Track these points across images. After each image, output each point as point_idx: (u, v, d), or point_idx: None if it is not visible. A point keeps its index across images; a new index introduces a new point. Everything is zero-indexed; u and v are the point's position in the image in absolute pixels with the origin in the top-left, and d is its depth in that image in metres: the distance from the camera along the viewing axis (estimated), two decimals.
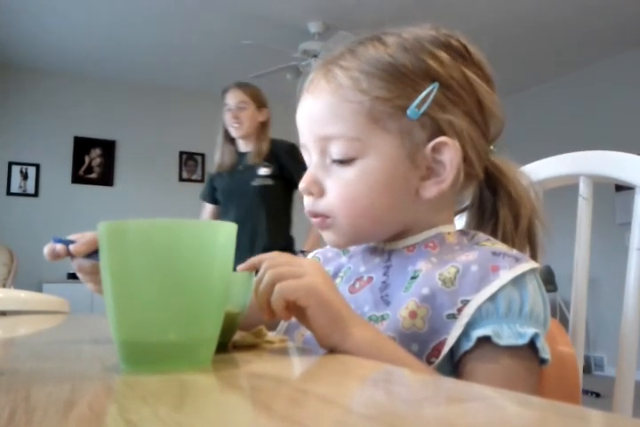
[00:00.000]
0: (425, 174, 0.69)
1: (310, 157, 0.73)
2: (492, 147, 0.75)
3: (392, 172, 0.68)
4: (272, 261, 0.58)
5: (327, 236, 0.73)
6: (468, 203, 0.80)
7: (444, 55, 0.70)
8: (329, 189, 0.70)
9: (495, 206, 0.75)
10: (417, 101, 0.67)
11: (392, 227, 0.72)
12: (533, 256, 0.74)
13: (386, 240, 0.74)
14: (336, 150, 0.69)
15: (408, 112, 0.67)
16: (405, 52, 0.69)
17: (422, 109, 0.67)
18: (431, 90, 0.67)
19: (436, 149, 0.68)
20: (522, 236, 0.74)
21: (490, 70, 0.74)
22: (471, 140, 0.70)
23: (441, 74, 0.68)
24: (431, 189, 0.69)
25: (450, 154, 0.68)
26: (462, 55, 0.71)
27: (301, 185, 0.72)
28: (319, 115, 0.70)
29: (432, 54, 0.69)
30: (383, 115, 0.68)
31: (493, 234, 0.74)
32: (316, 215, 0.72)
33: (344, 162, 0.69)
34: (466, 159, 0.70)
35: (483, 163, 0.73)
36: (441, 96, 0.68)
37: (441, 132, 0.68)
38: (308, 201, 0.73)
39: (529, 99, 5.77)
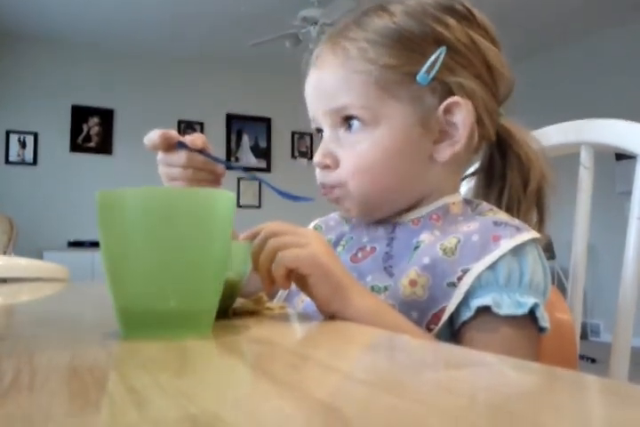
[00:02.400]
0: (438, 137, 0.69)
1: (322, 130, 0.74)
2: (500, 110, 0.75)
3: (404, 139, 0.68)
4: (274, 229, 0.58)
5: (340, 207, 0.74)
6: (477, 167, 0.80)
7: (448, 19, 0.69)
8: (343, 160, 0.71)
9: (504, 170, 0.75)
10: (426, 66, 0.67)
11: (405, 197, 0.72)
12: (541, 221, 0.74)
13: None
14: (346, 115, 0.69)
15: (418, 78, 0.67)
16: (410, 18, 0.69)
17: (432, 74, 0.67)
18: (439, 54, 0.67)
19: (448, 111, 0.68)
20: (530, 200, 0.74)
21: (494, 31, 0.74)
22: (483, 102, 0.70)
23: (447, 37, 0.68)
24: (445, 152, 0.69)
25: (462, 114, 0.68)
26: (466, 18, 0.71)
27: (315, 158, 0.73)
28: (329, 88, 0.71)
29: (437, 19, 0.69)
30: (392, 83, 0.68)
31: (500, 197, 0.74)
32: (327, 187, 0.73)
33: (356, 126, 0.69)
34: (478, 121, 0.70)
35: (494, 124, 0.73)
36: (449, 60, 0.68)
37: (452, 95, 0.68)
38: (320, 173, 0.73)
39: (534, 66, 5.71)
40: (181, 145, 0.73)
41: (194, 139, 0.73)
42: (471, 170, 0.83)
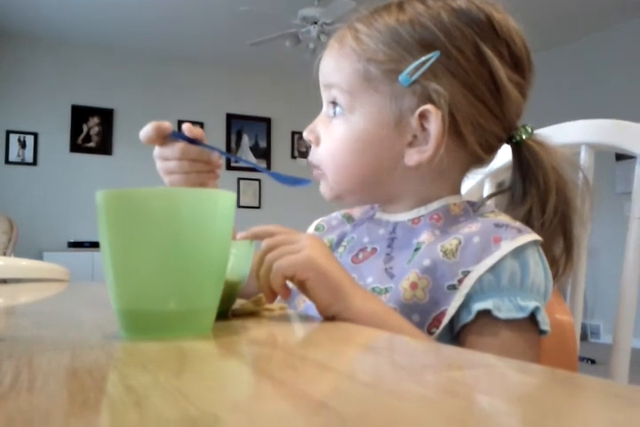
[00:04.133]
0: (411, 141, 0.69)
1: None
2: (527, 127, 0.72)
3: (376, 134, 0.70)
4: (271, 240, 0.59)
5: (321, 186, 0.77)
6: (504, 185, 0.77)
7: (457, 25, 0.67)
8: (322, 140, 0.74)
9: (524, 193, 0.72)
10: (409, 68, 0.67)
11: (377, 190, 0.73)
12: (567, 252, 0.72)
13: (387, 210, 0.75)
14: (333, 96, 0.73)
15: (400, 78, 0.67)
16: (416, 19, 0.68)
17: (414, 77, 0.67)
18: (428, 59, 0.66)
19: (423, 117, 0.67)
20: (549, 228, 0.70)
21: (523, 49, 0.70)
22: (465, 114, 0.67)
23: (444, 44, 0.66)
24: (412, 157, 0.69)
25: (434, 122, 0.67)
26: (483, 29, 0.68)
27: (304, 133, 0.77)
28: (326, 67, 0.74)
29: (442, 24, 0.67)
30: (376, 77, 0.69)
31: (526, 221, 0.70)
32: (313, 166, 0.76)
33: (338, 112, 0.72)
34: (456, 132, 0.68)
35: (484, 140, 0.70)
36: (439, 65, 0.66)
37: (430, 101, 0.67)
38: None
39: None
40: (175, 134, 0.74)
41: (187, 128, 0.75)
42: (497, 188, 0.81)
